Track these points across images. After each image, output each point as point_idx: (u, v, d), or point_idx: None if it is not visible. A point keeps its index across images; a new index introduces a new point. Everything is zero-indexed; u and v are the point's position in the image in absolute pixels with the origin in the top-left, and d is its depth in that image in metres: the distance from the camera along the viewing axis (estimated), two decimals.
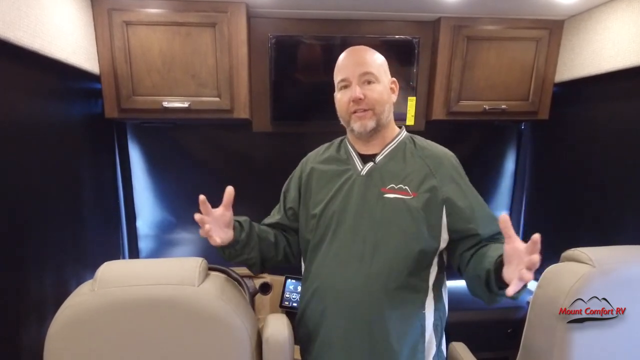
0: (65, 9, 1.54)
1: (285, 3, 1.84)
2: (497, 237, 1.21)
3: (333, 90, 1.29)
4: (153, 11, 1.77)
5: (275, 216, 1.42)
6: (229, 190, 1.17)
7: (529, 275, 0.85)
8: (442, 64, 2.03)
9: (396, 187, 1.20)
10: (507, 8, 1.90)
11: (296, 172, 1.44)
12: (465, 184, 1.24)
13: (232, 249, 1.24)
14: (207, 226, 1.08)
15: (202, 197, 1.11)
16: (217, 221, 1.16)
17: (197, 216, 1.09)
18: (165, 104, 1.84)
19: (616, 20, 1.74)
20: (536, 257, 0.84)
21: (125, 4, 1.76)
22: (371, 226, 1.20)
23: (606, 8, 1.79)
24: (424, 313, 1.20)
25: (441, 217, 1.19)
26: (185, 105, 1.85)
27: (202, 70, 1.85)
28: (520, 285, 0.88)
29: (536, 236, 0.85)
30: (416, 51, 2.04)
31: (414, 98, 2.11)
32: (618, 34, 1.73)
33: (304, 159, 1.45)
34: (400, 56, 2.02)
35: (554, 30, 2.04)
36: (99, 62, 1.80)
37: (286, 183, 1.46)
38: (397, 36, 2.04)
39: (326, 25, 2.03)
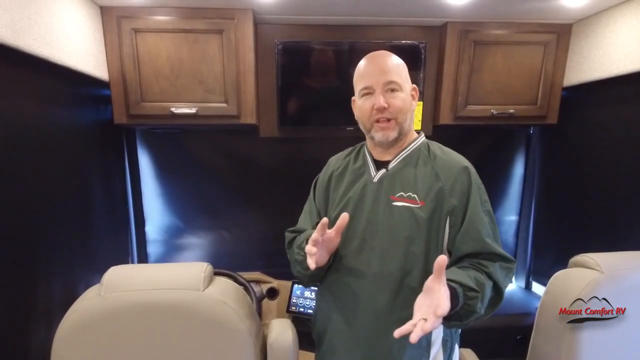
0: (75, 17, 1.57)
1: (292, 9, 1.85)
2: (474, 260, 1.13)
3: (341, 96, 1.28)
4: (161, 18, 1.80)
5: (313, 219, 1.37)
6: (345, 217, 1.12)
7: (428, 325, 0.90)
8: (449, 68, 2.03)
9: (405, 195, 1.17)
10: (514, 12, 1.89)
11: (320, 175, 1.42)
12: (475, 198, 1.15)
13: (321, 271, 1.23)
14: (314, 250, 1.07)
15: (324, 219, 1.08)
16: (324, 245, 1.13)
17: (315, 235, 1.07)
18: (173, 110, 1.86)
19: (625, 23, 1.72)
20: (441, 308, 0.91)
21: (133, 12, 1.78)
22: (379, 234, 1.18)
23: (614, 12, 1.78)
24: None
25: (445, 229, 1.15)
26: (193, 111, 1.87)
27: (209, 76, 1.86)
28: (420, 333, 0.89)
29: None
30: (423, 56, 2.04)
31: (421, 103, 2.10)
32: (627, 38, 1.71)
33: (327, 163, 1.43)
34: (407, 61, 1.98)
35: (561, 34, 2.03)
36: (108, 68, 1.82)
37: (312, 187, 1.43)
38: (404, 41, 2.05)
39: (333, 30, 2.04)
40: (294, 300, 2.06)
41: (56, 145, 1.48)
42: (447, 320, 1.05)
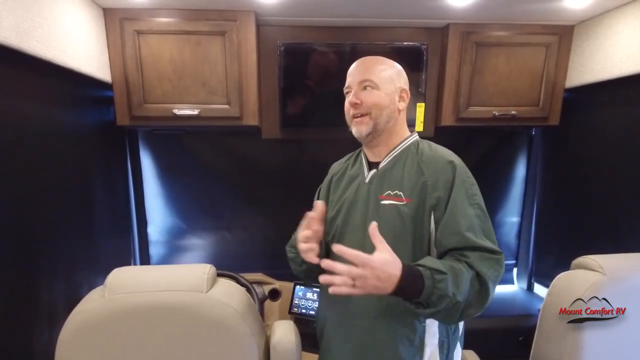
0: (78, 19, 1.57)
1: (294, 11, 1.85)
2: (455, 252, 1.10)
3: (343, 97, 1.30)
4: (164, 20, 1.80)
5: None
6: (318, 203, 1.18)
7: (337, 287, 0.97)
8: (451, 70, 2.03)
9: (392, 194, 1.18)
10: (516, 14, 1.89)
11: (326, 179, 1.46)
12: (459, 191, 1.13)
13: (314, 266, 1.22)
14: (305, 246, 1.14)
15: (309, 213, 1.16)
16: (313, 238, 1.18)
17: (306, 232, 1.15)
18: (176, 112, 1.86)
19: (627, 25, 1.72)
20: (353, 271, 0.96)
21: (136, 14, 1.79)
22: (368, 234, 1.18)
23: (616, 13, 1.78)
24: (424, 326, 1.16)
25: (430, 225, 1.14)
26: (195, 112, 1.87)
27: (211, 78, 1.87)
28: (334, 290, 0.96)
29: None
30: (425, 57, 2.04)
31: (423, 104, 2.10)
32: (629, 39, 1.71)
33: (330, 168, 1.47)
34: (409, 62, 2.00)
35: (563, 36, 2.03)
36: (110, 70, 1.83)
37: (318, 190, 1.47)
38: (405, 43, 2.05)
39: (335, 32, 2.04)
40: (296, 302, 2.07)
41: (58, 146, 1.48)
42: (422, 307, 1.02)
